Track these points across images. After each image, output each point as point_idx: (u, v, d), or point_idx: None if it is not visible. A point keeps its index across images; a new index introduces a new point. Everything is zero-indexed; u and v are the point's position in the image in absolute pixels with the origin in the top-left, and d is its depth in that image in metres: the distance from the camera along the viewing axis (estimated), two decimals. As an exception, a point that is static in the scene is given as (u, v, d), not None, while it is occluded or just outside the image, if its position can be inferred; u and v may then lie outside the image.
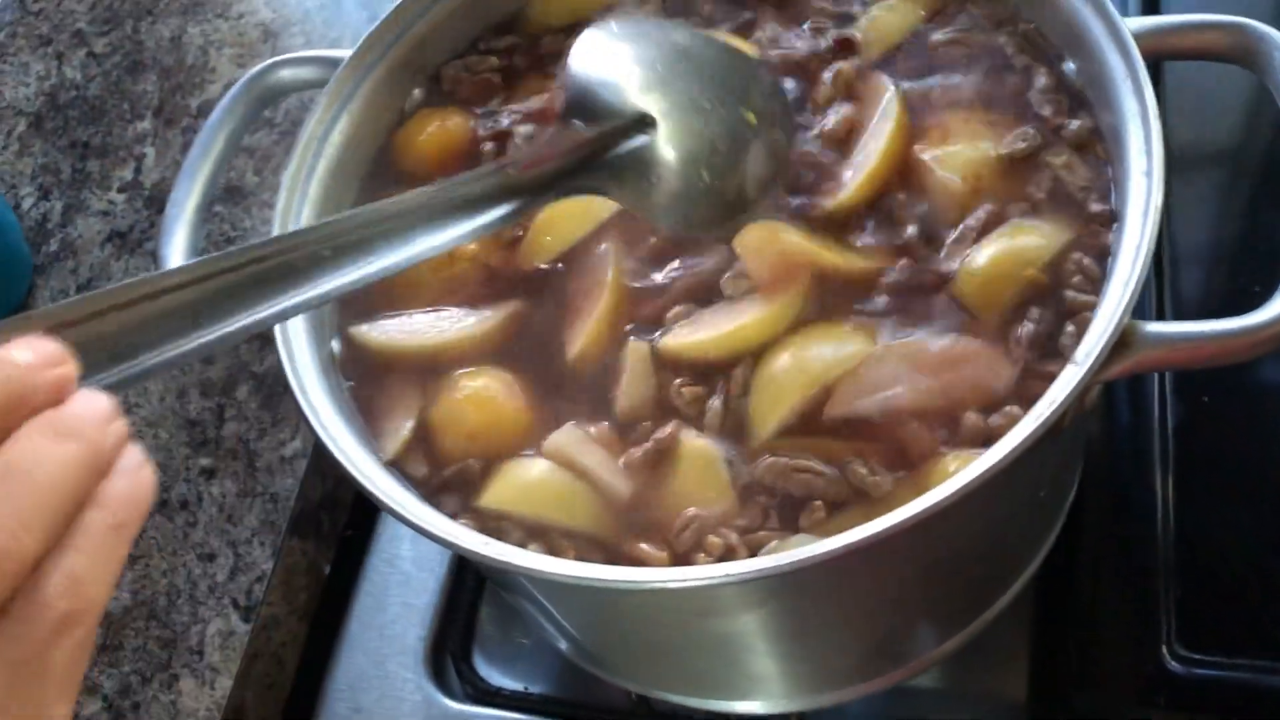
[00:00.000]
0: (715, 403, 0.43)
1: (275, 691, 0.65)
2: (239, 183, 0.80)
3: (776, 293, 0.44)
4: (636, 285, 0.46)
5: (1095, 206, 0.45)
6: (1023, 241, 0.44)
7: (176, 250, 0.50)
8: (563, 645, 0.56)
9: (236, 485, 0.68)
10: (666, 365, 0.44)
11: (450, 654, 0.64)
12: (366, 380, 0.48)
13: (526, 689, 0.63)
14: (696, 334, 0.44)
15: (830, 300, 0.44)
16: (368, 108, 0.53)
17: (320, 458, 0.68)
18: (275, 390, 0.71)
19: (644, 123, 0.39)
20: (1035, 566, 0.52)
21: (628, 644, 0.52)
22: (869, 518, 0.36)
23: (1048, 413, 0.37)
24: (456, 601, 0.65)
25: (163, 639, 0.64)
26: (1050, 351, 0.42)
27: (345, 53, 0.53)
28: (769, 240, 0.44)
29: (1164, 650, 0.51)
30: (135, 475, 0.29)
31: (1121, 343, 0.38)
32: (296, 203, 0.50)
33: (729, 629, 0.45)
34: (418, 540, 0.68)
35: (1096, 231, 0.44)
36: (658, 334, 0.45)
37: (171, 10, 0.92)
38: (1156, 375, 0.55)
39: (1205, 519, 0.53)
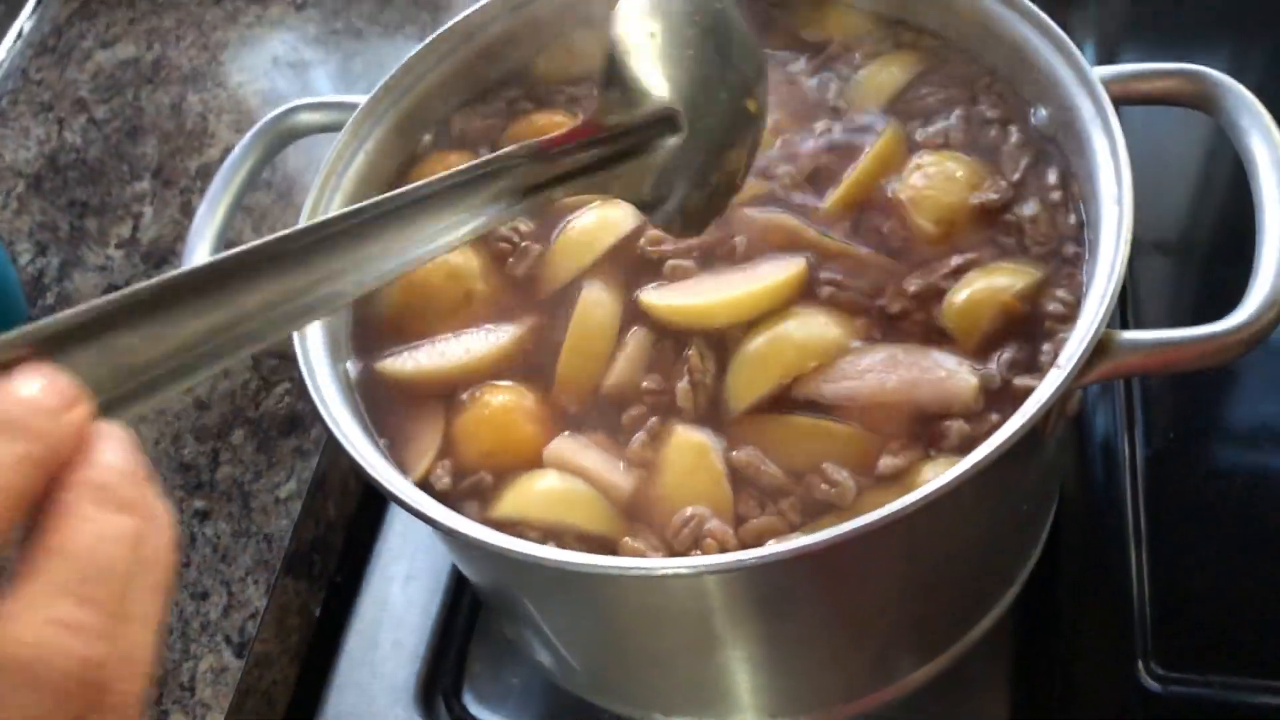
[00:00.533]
0: (683, 384, 0.45)
1: (265, 731, 0.65)
2: (238, 239, 0.82)
3: (772, 271, 0.47)
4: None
5: (1069, 249, 0.48)
6: (1000, 276, 0.47)
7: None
8: (553, 666, 0.56)
9: (231, 526, 0.69)
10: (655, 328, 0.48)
11: (441, 692, 0.65)
12: (386, 406, 0.50)
13: (517, 725, 0.63)
14: (685, 298, 0.47)
15: (824, 290, 0.47)
16: (381, 149, 0.56)
17: (314, 499, 0.69)
18: (270, 435, 0.72)
19: (671, 121, 0.41)
20: (1016, 590, 0.55)
21: (620, 656, 0.53)
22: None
23: (1033, 411, 0.40)
24: (448, 640, 0.66)
25: (153, 675, 0.64)
26: (1030, 370, 0.45)
27: (361, 98, 0.56)
28: (774, 222, 0.48)
29: (1140, 670, 0.53)
30: (167, 531, 0.27)
31: (1099, 349, 0.41)
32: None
33: (715, 633, 0.46)
34: (409, 581, 0.69)
35: (1070, 272, 0.47)
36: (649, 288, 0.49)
37: (172, 80, 0.96)
38: (1124, 414, 0.58)
39: (1177, 544, 0.56)
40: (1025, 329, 0.45)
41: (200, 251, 0.53)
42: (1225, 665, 0.53)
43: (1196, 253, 0.65)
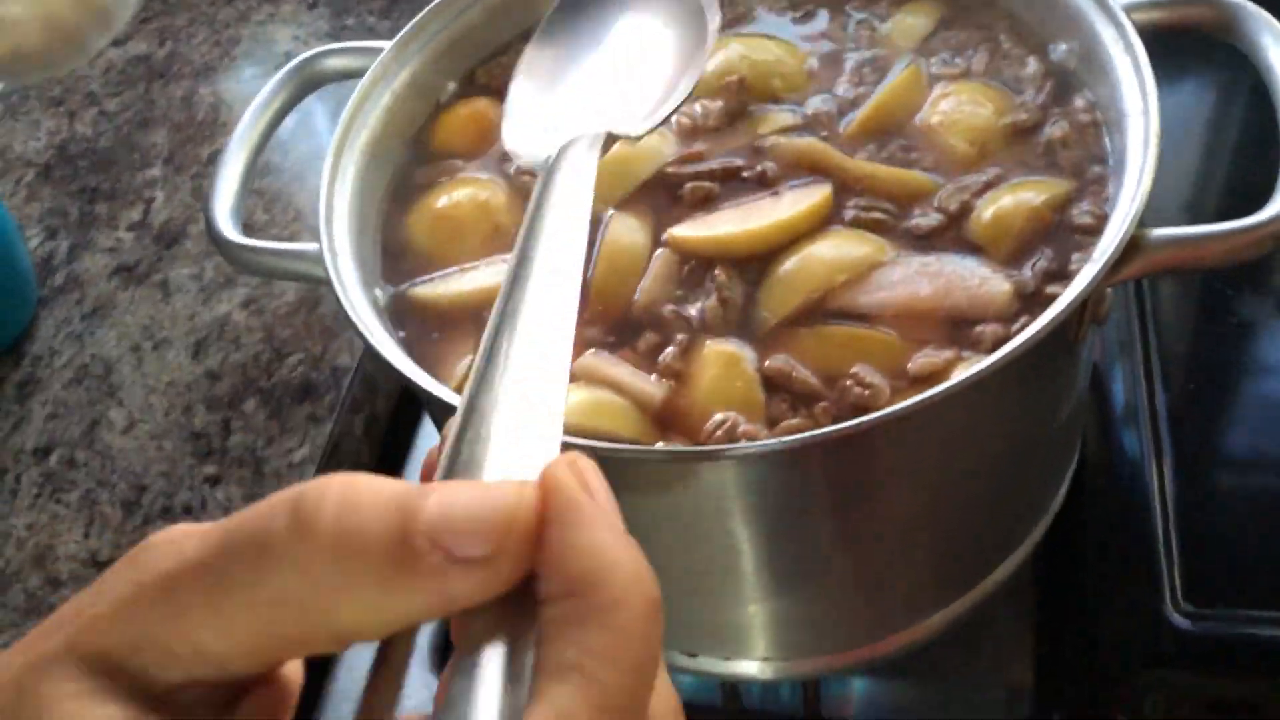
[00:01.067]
0: (710, 299, 0.46)
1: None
2: (249, 220, 0.82)
3: (803, 196, 0.47)
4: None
5: (1095, 169, 0.49)
6: (1028, 190, 0.48)
7: (224, 206, 0.52)
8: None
9: (242, 490, 0.68)
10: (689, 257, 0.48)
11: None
12: (417, 330, 0.50)
13: (534, 685, 0.62)
14: (711, 230, 0.48)
15: (849, 213, 0.48)
16: (407, 91, 0.57)
17: (328, 463, 0.69)
18: (284, 402, 0.72)
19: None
20: (1039, 533, 0.54)
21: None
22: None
23: (1068, 301, 0.40)
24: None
25: None
26: (1062, 278, 0.45)
27: (387, 43, 0.57)
28: (808, 148, 0.49)
29: (1169, 607, 0.53)
30: None
31: (1132, 246, 0.41)
32: (342, 169, 0.52)
33: (738, 552, 0.46)
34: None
35: (1097, 189, 0.48)
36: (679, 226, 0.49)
37: (183, 74, 0.97)
38: (1143, 366, 0.58)
39: (1200, 485, 0.56)
40: (1056, 239, 0.46)
41: (225, 186, 0.53)
42: (1255, 600, 0.52)
43: (1217, 176, 0.66)
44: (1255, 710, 0.51)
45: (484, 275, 0.50)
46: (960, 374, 0.39)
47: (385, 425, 0.74)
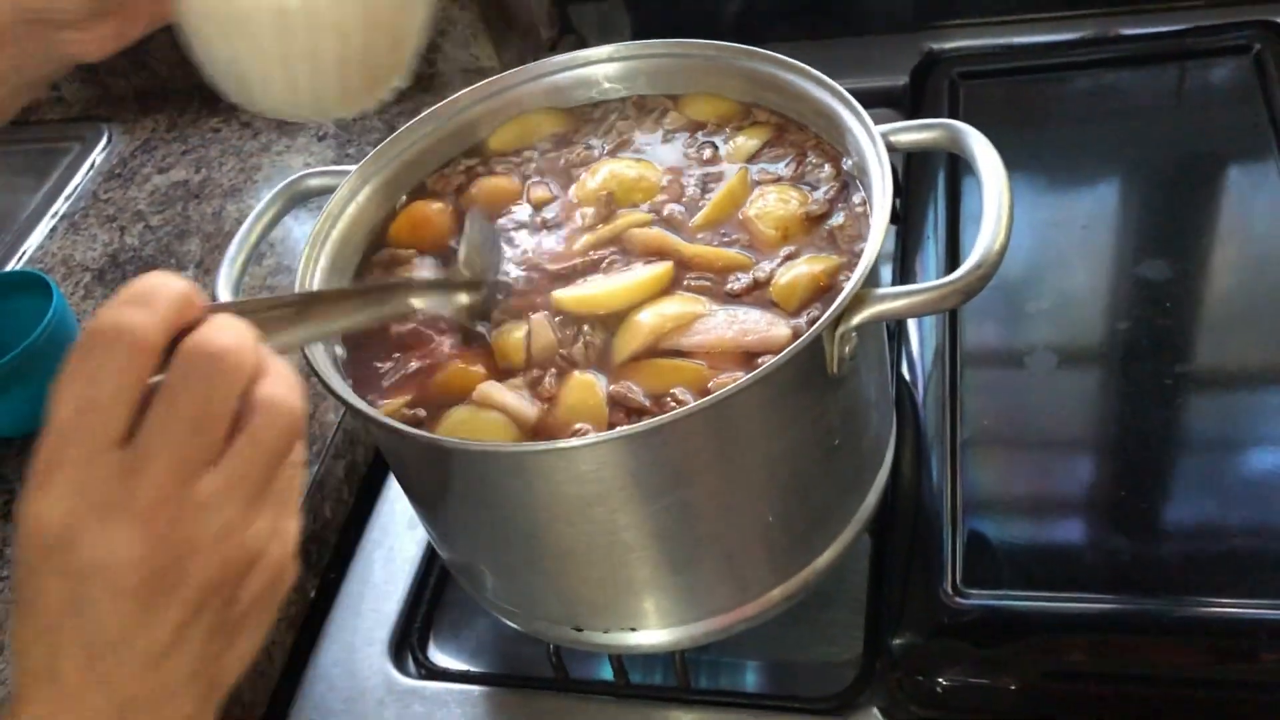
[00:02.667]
0: (578, 345, 0.63)
1: (265, 680, 0.79)
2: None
3: (647, 269, 0.65)
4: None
5: (858, 247, 0.66)
6: (813, 263, 0.65)
7: (225, 285, 0.70)
8: (493, 597, 0.71)
9: (245, 519, 0.85)
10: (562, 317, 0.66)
11: (409, 645, 0.79)
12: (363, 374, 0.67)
13: (468, 670, 0.78)
14: (582, 292, 0.65)
15: (685, 282, 0.65)
16: (369, 202, 0.75)
17: (312, 499, 0.85)
18: (281, 452, 0.89)
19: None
20: (855, 529, 0.70)
21: (539, 573, 0.67)
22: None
23: (802, 341, 0.56)
24: (416, 607, 0.81)
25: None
26: (829, 326, 0.62)
27: (354, 167, 0.75)
28: (654, 237, 0.67)
29: (949, 590, 0.68)
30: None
31: (858, 299, 0.58)
32: (315, 256, 0.70)
33: (609, 533, 0.61)
34: (388, 563, 0.84)
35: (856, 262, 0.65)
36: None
37: (215, 194, 1.16)
38: (949, 377, 0.75)
39: (981, 484, 0.72)
40: (829, 297, 0.62)
41: (226, 272, 0.71)
42: (1011, 585, 0.67)
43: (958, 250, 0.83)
44: (1006, 666, 0.66)
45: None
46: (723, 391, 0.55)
47: (363, 471, 0.91)
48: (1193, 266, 0.82)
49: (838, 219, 0.67)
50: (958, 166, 0.93)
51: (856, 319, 0.58)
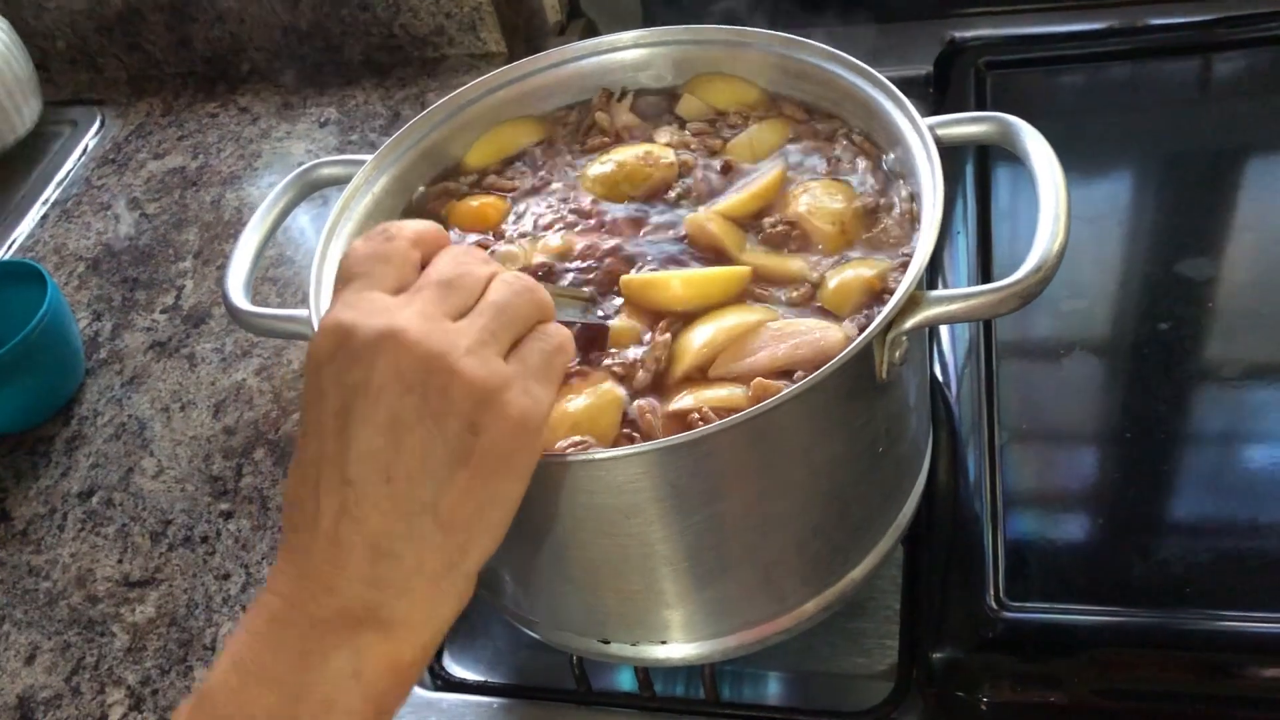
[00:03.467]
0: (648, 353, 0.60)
1: (272, 690, 0.76)
2: (266, 301, 0.97)
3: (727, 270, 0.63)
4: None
5: (904, 249, 0.63)
6: (863, 267, 0.62)
7: (237, 281, 0.67)
8: (514, 608, 0.68)
9: (250, 522, 0.82)
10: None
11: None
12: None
13: (486, 681, 0.75)
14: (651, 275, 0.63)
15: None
16: (385, 193, 0.71)
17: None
18: (288, 451, 0.86)
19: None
20: (894, 537, 0.67)
21: (562, 586, 0.64)
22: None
23: (849, 351, 0.53)
24: (431, 615, 0.78)
25: (181, 640, 0.76)
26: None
27: (370, 156, 0.72)
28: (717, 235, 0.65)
29: (990, 601, 0.65)
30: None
31: (913, 302, 0.55)
32: (330, 252, 0.67)
33: (637, 546, 0.58)
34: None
35: (906, 263, 0.62)
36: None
37: (213, 182, 1.13)
38: (984, 378, 0.72)
39: (1022, 489, 0.69)
40: (882, 300, 0.59)
41: (237, 267, 0.68)
42: (1054, 598, 0.65)
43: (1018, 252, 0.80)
44: (1055, 683, 0.63)
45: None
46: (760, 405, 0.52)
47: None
48: (1235, 264, 0.80)
49: (895, 209, 0.64)
50: (987, 160, 0.90)
51: (909, 323, 0.55)
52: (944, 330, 0.82)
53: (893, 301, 0.55)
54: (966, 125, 0.64)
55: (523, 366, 0.48)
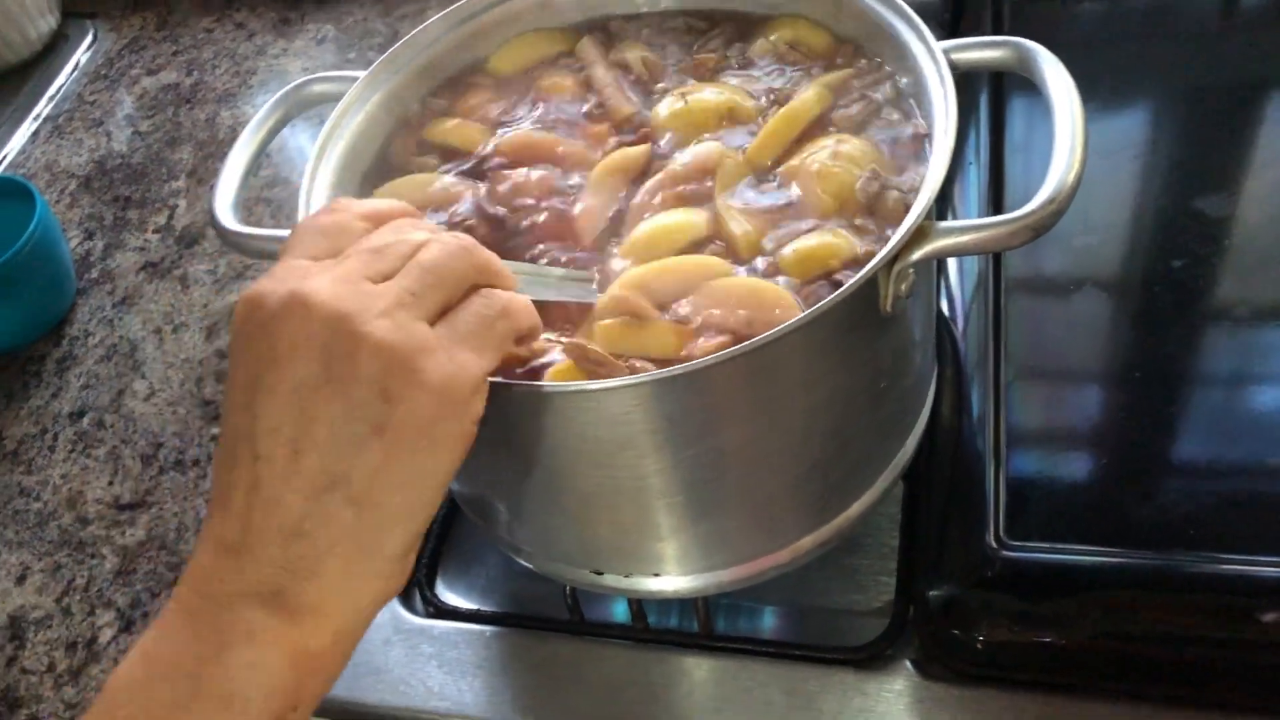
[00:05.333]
0: None
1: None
2: (258, 222, 0.95)
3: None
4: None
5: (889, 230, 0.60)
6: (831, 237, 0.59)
7: (225, 200, 0.65)
8: (506, 535, 0.67)
9: (242, 447, 0.81)
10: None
11: (416, 584, 0.75)
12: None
13: (479, 609, 0.74)
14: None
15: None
16: (378, 111, 0.69)
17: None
18: (280, 376, 0.84)
19: None
20: (892, 475, 0.66)
21: (559, 517, 0.63)
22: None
23: (853, 283, 0.51)
24: (424, 544, 0.77)
25: (171, 563, 0.75)
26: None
27: (363, 72, 0.69)
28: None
29: (990, 540, 0.64)
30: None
31: (919, 233, 0.53)
32: (319, 172, 0.65)
33: (625, 468, 0.57)
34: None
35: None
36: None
37: (207, 100, 1.10)
38: (991, 313, 0.70)
39: (1026, 427, 0.68)
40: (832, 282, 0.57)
41: (225, 186, 0.66)
42: (1056, 537, 0.64)
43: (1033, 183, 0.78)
44: (1054, 624, 0.62)
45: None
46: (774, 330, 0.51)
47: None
48: (1254, 201, 0.78)
49: (903, 184, 0.61)
50: (1002, 88, 0.87)
51: (917, 254, 0.53)
52: (951, 265, 0.80)
53: (900, 232, 0.53)
54: (982, 50, 0.61)
55: (450, 331, 0.45)
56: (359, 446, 0.42)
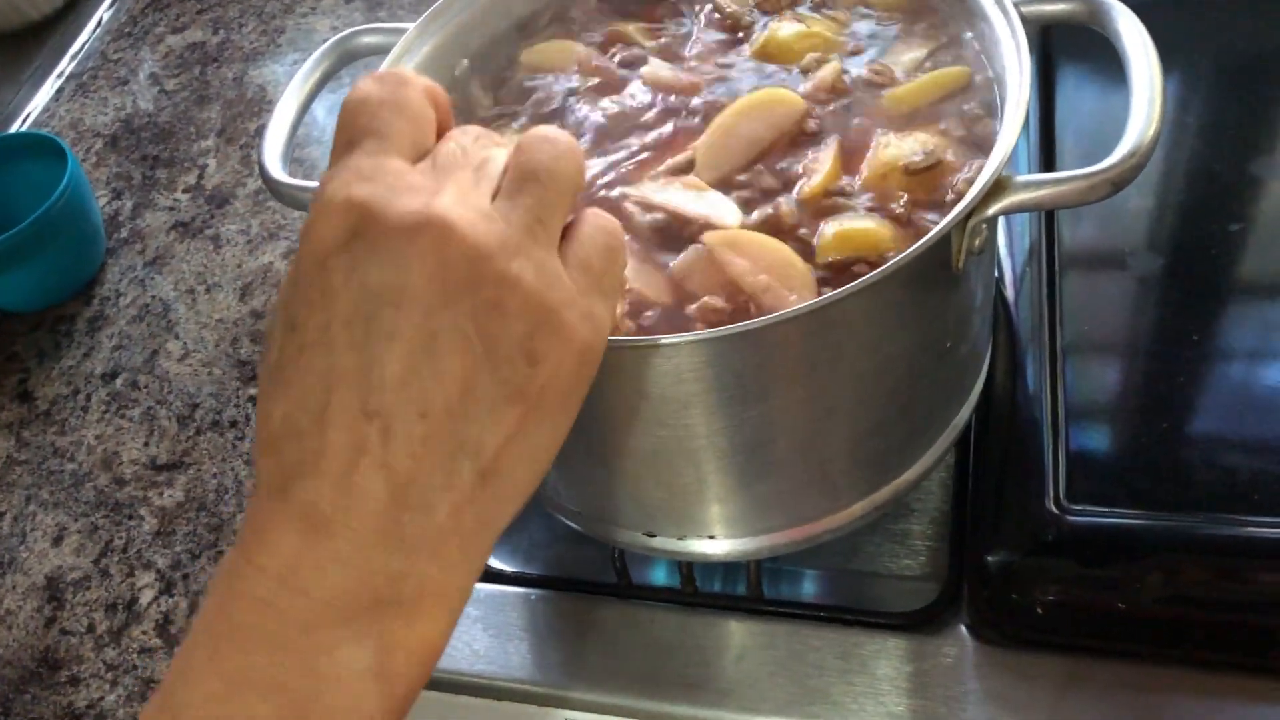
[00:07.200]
0: None
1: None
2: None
3: None
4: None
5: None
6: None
7: (274, 151, 0.63)
8: (553, 495, 0.67)
9: (281, 407, 0.80)
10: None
11: (461, 546, 0.75)
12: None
13: (524, 572, 0.73)
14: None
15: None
16: (427, 65, 0.68)
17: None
18: (317, 336, 0.83)
19: None
20: (949, 438, 0.65)
21: (607, 480, 0.62)
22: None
23: (940, 228, 0.50)
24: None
25: (211, 525, 0.74)
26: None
27: (412, 24, 0.68)
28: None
29: (1051, 505, 0.63)
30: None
31: (997, 186, 0.52)
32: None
33: (680, 427, 0.56)
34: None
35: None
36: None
37: (235, 58, 1.08)
38: (1045, 278, 0.69)
39: (1083, 392, 0.67)
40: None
41: (273, 139, 0.64)
42: (1116, 501, 0.63)
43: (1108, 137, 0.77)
44: (1116, 588, 0.61)
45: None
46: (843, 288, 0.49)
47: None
48: (1312, 165, 0.76)
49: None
50: (1051, 43, 0.86)
51: (993, 209, 0.52)
52: (1001, 231, 0.79)
53: (977, 186, 0.51)
54: (1054, 2, 0.60)
55: (585, 274, 0.38)
56: (496, 412, 0.36)
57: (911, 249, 0.50)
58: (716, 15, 0.70)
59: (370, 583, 0.35)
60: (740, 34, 0.68)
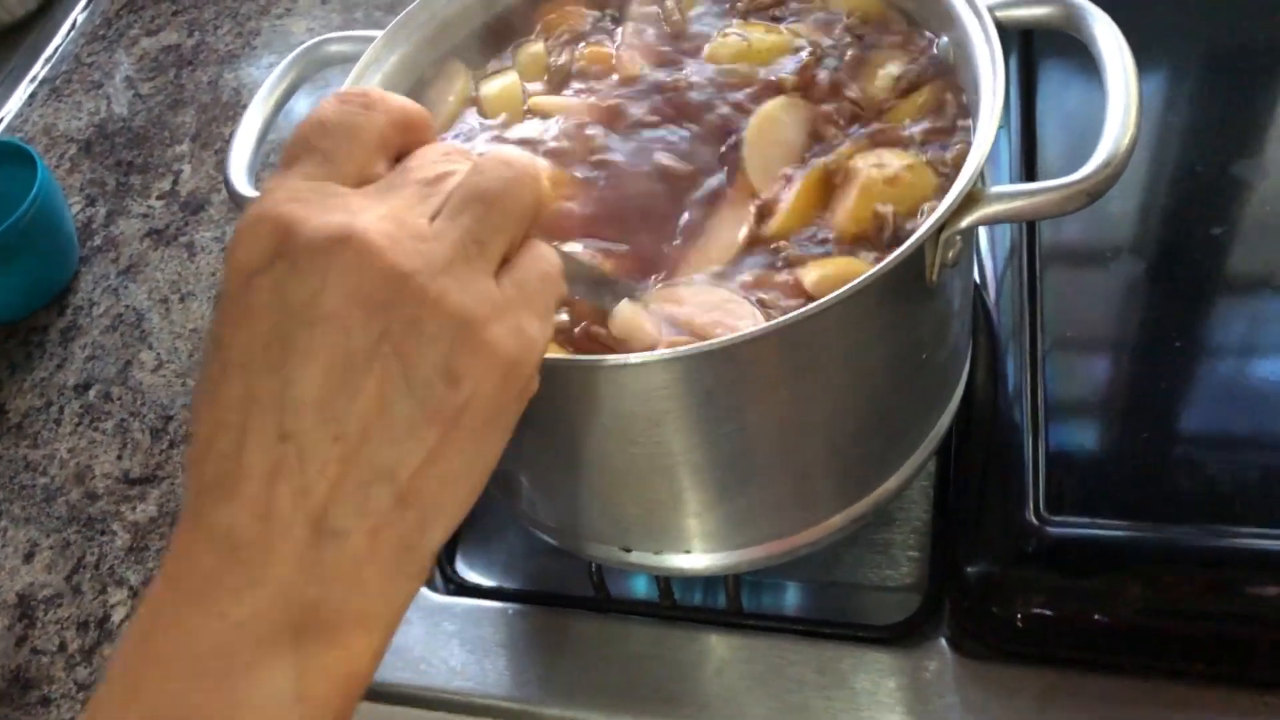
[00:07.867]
0: None
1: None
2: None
3: None
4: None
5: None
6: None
7: (239, 164, 0.62)
8: (529, 510, 0.66)
9: (255, 419, 0.79)
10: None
11: (437, 559, 0.74)
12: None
13: (501, 586, 0.73)
14: None
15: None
16: (395, 72, 0.66)
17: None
18: (292, 346, 0.82)
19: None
20: (928, 450, 0.64)
21: (586, 493, 0.61)
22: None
23: (914, 239, 0.49)
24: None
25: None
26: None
27: (379, 33, 0.67)
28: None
29: (1029, 514, 0.62)
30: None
31: (970, 198, 0.51)
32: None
33: (665, 451, 0.55)
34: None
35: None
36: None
37: (210, 61, 1.07)
38: (1026, 282, 0.68)
39: (1065, 399, 0.66)
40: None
41: (239, 153, 0.63)
42: (1097, 511, 0.62)
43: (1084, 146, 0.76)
44: (1097, 600, 0.61)
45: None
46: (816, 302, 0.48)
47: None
48: (1295, 166, 0.76)
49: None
50: (1032, 49, 0.85)
51: (965, 221, 0.51)
52: (982, 232, 0.78)
53: (949, 198, 0.50)
54: (1028, 7, 0.59)
55: (519, 291, 0.37)
56: (414, 434, 0.35)
57: (882, 264, 0.49)
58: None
59: (287, 607, 0.34)
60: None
